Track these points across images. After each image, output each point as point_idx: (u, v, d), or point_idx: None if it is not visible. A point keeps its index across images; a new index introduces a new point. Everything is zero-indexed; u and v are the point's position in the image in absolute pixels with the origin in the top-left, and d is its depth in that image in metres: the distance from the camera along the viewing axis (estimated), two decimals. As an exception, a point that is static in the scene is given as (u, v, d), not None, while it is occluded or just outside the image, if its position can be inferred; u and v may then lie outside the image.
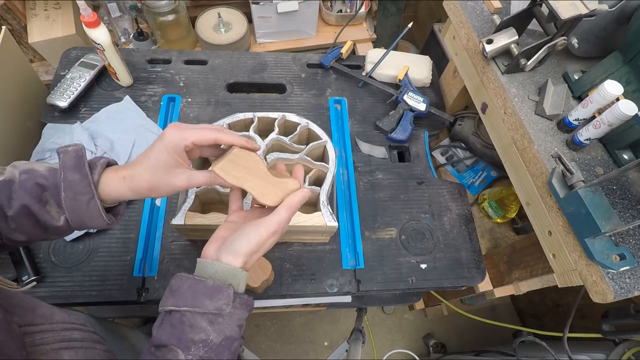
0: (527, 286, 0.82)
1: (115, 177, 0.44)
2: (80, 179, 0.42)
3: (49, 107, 0.84)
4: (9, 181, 0.42)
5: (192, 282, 0.41)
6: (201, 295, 0.40)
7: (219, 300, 0.41)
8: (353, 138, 0.88)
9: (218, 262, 0.43)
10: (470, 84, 0.82)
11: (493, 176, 1.00)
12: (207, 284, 0.41)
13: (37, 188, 0.42)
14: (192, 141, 0.44)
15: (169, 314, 0.41)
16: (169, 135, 0.44)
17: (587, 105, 0.59)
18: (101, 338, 0.45)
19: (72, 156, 0.42)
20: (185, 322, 0.40)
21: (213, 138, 0.45)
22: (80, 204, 0.42)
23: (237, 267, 0.43)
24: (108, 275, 0.69)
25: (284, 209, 0.46)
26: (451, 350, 1.44)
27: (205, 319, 0.40)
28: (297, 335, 1.43)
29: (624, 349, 0.79)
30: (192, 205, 0.64)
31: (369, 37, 1.27)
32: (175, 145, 0.43)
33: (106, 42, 0.78)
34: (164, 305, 0.41)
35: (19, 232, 0.43)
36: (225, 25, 1.12)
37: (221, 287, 0.41)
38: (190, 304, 0.40)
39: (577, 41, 0.66)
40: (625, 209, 0.58)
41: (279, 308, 0.99)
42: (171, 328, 0.40)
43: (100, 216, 0.43)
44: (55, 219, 0.43)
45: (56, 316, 0.41)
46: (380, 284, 0.73)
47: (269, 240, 0.45)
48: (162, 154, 0.43)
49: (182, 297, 0.41)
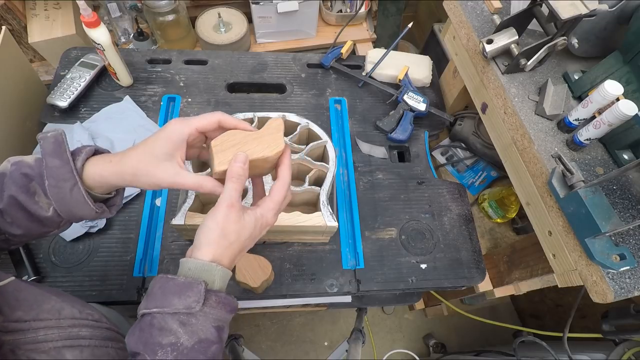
0: (527, 286, 0.82)
1: (103, 161, 0.43)
2: (61, 164, 0.40)
3: (49, 107, 0.83)
4: (1, 174, 0.41)
5: (164, 280, 0.39)
6: (170, 293, 0.38)
7: (188, 298, 0.37)
8: (353, 138, 0.88)
9: (191, 258, 0.40)
10: (470, 84, 0.82)
11: (493, 176, 1.00)
12: (177, 281, 0.38)
13: (24, 178, 0.41)
14: (196, 127, 0.43)
15: (141, 317, 0.39)
16: (172, 125, 0.43)
17: (587, 105, 0.59)
18: (118, 334, 0.43)
19: (51, 142, 0.41)
20: (155, 325, 0.37)
21: (216, 120, 0.44)
22: (63, 192, 0.40)
23: (207, 261, 0.39)
24: (108, 275, 0.69)
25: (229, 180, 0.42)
26: (451, 350, 1.44)
27: (176, 320, 0.37)
28: (297, 335, 1.43)
29: (624, 349, 0.79)
30: (192, 205, 0.64)
31: (369, 37, 1.27)
32: (177, 133, 0.42)
33: (106, 42, 0.78)
34: (139, 309, 0.39)
35: (16, 225, 0.42)
36: (225, 25, 1.12)
37: (192, 283, 0.38)
38: (159, 304, 0.38)
39: (577, 41, 0.66)
40: (625, 209, 0.58)
41: (279, 308, 0.99)
42: (139, 332, 0.38)
43: (87, 204, 0.42)
44: (44, 209, 0.41)
45: (64, 312, 0.39)
46: (380, 284, 0.73)
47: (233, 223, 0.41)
48: (159, 142, 0.42)
49: (153, 298, 0.38)
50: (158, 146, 0.42)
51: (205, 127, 0.44)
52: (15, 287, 0.37)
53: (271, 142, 0.45)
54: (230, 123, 0.45)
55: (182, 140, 0.42)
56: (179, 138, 0.42)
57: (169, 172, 0.42)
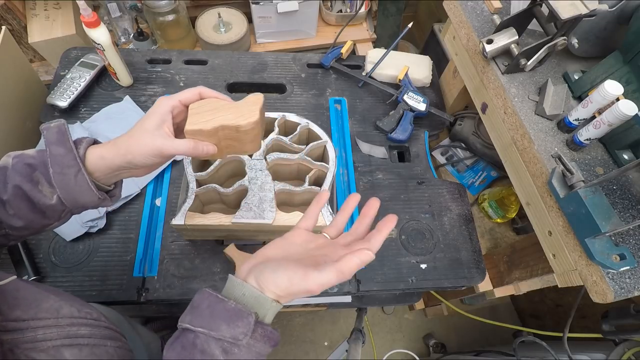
0: (527, 286, 0.82)
1: (102, 146, 0.45)
2: (65, 152, 0.42)
3: (49, 107, 0.84)
4: (3, 167, 0.43)
5: (214, 300, 0.37)
6: (219, 317, 0.36)
7: (237, 328, 0.36)
8: (353, 138, 0.88)
9: (248, 284, 0.38)
10: (470, 84, 0.82)
11: (493, 176, 1.00)
12: (228, 305, 0.36)
13: (27, 168, 0.42)
14: (179, 99, 0.46)
15: (183, 332, 0.38)
16: (158, 101, 0.47)
17: (587, 105, 0.59)
18: (117, 333, 0.43)
19: (55, 131, 0.43)
20: (198, 346, 0.36)
21: (197, 92, 0.47)
22: (68, 178, 0.42)
23: (267, 297, 0.37)
24: (108, 275, 0.69)
25: (334, 272, 0.36)
26: (451, 350, 1.44)
27: (219, 346, 0.36)
28: (297, 335, 1.43)
29: (624, 349, 0.79)
30: (192, 205, 0.64)
31: (369, 37, 1.27)
32: (162, 106, 0.46)
33: (106, 42, 0.78)
34: (182, 321, 0.38)
35: (17, 217, 0.43)
36: (225, 25, 1.12)
37: (243, 312, 0.36)
38: (206, 325, 0.36)
39: (577, 41, 0.66)
40: (625, 209, 0.58)
41: (279, 308, 0.99)
42: (181, 349, 0.37)
43: (90, 190, 0.43)
44: (47, 197, 0.43)
45: (63, 310, 0.39)
46: (380, 284, 0.72)
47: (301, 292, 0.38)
48: (148, 118, 0.45)
49: (199, 316, 0.37)
50: (147, 121, 0.45)
51: (188, 99, 0.47)
52: (14, 286, 0.38)
53: (245, 112, 0.47)
54: (210, 94, 0.48)
55: (167, 112, 0.46)
56: (164, 110, 0.46)
57: (157, 139, 0.45)
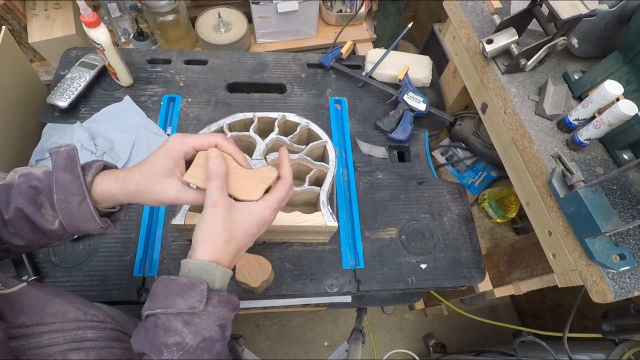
0: (527, 286, 0.82)
1: (109, 178, 0.43)
2: (71, 179, 0.41)
3: (49, 107, 0.84)
4: (9, 185, 0.42)
5: (167, 282, 0.40)
6: (173, 294, 0.38)
7: (191, 298, 0.38)
8: (353, 138, 0.88)
9: (190, 259, 0.41)
10: (470, 84, 0.82)
11: (493, 176, 1.00)
12: (180, 282, 0.39)
13: (32, 190, 0.41)
14: (193, 145, 0.44)
15: (146, 318, 0.40)
16: (171, 141, 0.44)
17: (587, 105, 0.59)
18: (123, 334, 0.43)
19: (64, 157, 0.42)
20: (160, 325, 0.38)
21: (214, 142, 0.45)
22: (71, 206, 0.41)
23: (206, 261, 0.40)
24: (108, 275, 0.69)
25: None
26: (451, 350, 1.44)
27: (180, 319, 0.38)
28: (297, 335, 1.43)
29: (624, 349, 0.79)
30: (192, 205, 0.64)
31: (369, 37, 1.27)
32: (175, 150, 0.43)
33: (106, 42, 0.78)
34: (143, 310, 0.40)
35: (18, 237, 0.42)
36: (225, 25, 1.12)
37: (193, 283, 0.39)
38: (163, 305, 0.38)
39: (577, 41, 0.66)
40: (625, 209, 0.58)
41: (279, 308, 0.99)
42: (145, 333, 0.38)
43: (93, 219, 0.42)
44: (49, 222, 0.42)
45: (69, 314, 0.39)
46: (380, 284, 0.73)
47: (222, 221, 0.41)
48: (159, 157, 0.43)
49: (156, 300, 0.39)
50: (158, 164, 0.43)
51: (201, 147, 0.45)
52: (19, 291, 0.37)
53: (248, 188, 0.45)
54: (226, 149, 0.46)
55: (180, 157, 0.44)
56: (177, 155, 0.44)
57: (172, 189, 0.43)
